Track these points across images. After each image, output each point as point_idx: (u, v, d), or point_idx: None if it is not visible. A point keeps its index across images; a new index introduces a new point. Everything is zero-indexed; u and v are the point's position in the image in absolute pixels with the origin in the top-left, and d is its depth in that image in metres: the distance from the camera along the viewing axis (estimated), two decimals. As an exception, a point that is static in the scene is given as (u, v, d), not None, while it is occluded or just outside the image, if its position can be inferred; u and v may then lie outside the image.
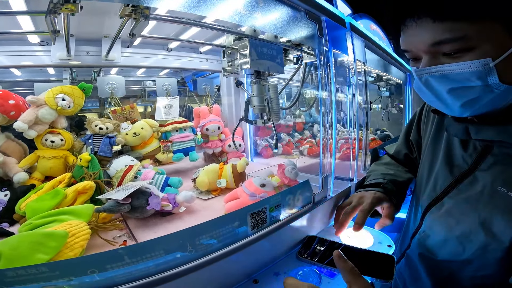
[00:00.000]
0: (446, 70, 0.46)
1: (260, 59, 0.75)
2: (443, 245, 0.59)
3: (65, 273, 0.40)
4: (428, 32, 0.45)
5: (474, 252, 0.53)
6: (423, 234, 0.65)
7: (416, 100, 2.14)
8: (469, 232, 0.54)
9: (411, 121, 0.83)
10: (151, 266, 0.45)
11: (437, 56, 0.47)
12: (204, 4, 0.51)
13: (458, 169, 0.59)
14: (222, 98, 1.42)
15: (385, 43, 1.83)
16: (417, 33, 0.47)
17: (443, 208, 0.60)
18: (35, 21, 0.81)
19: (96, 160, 0.85)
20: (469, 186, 0.56)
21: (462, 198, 0.57)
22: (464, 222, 0.55)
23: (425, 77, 0.50)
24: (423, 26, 0.46)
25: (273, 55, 0.78)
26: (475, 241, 0.53)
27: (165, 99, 1.19)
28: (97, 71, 1.24)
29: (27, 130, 0.85)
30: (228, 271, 0.57)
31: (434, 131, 0.70)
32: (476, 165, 0.56)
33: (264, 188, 0.80)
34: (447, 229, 0.58)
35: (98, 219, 0.68)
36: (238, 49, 0.78)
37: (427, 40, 0.46)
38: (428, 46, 0.47)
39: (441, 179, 0.62)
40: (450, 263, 0.58)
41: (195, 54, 1.28)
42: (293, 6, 0.69)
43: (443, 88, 0.48)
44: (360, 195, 0.76)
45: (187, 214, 0.80)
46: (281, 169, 0.89)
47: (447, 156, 0.63)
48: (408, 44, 0.51)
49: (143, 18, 0.53)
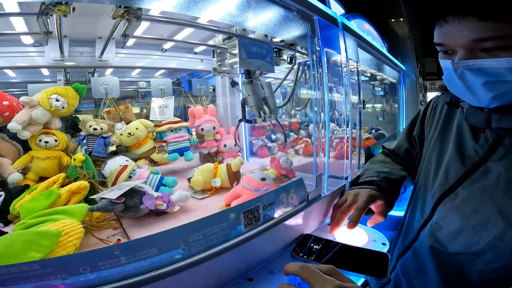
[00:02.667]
0: (484, 65, 0.49)
1: (250, 58, 0.74)
2: (457, 236, 0.61)
3: (57, 270, 0.40)
4: (471, 30, 0.49)
5: (490, 242, 0.55)
6: (435, 225, 0.66)
7: (410, 99, 2.16)
8: (487, 220, 0.56)
9: (415, 118, 0.86)
10: (144, 264, 0.46)
11: (474, 51, 0.51)
12: (195, 5, 0.52)
13: (470, 160, 0.62)
14: (217, 98, 1.43)
15: (379, 42, 1.85)
16: (459, 29, 0.50)
17: (458, 198, 0.62)
18: (28, 22, 0.81)
19: (90, 160, 0.85)
20: (482, 176, 0.59)
21: (477, 188, 0.59)
22: (481, 210, 0.57)
23: (461, 69, 0.52)
24: (467, 24, 0.49)
25: (263, 54, 0.78)
26: (492, 230, 0.55)
27: (160, 99, 1.20)
28: (92, 72, 1.24)
29: (21, 131, 0.85)
30: (223, 269, 0.57)
31: (442, 125, 0.73)
32: (488, 156, 0.59)
33: (265, 181, 0.80)
34: (462, 218, 0.60)
35: (92, 218, 0.68)
36: (228, 48, 0.77)
37: (469, 37, 0.49)
38: (470, 42, 0.50)
39: (452, 170, 0.65)
40: (460, 256, 0.60)
41: (190, 55, 1.29)
42: (285, 6, 0.70)
43: (479, 81, 0.51)
44: (355, 193, 0.77)
45: (182, 213, 0.80)
46: (276, 162, 0.91)
47: (458, 148, 0.65)
48: (446, 39, 0.54)
49: (136, 19, 0.53)
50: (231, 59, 0.78)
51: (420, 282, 0.68)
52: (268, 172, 0.88)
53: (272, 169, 0.91)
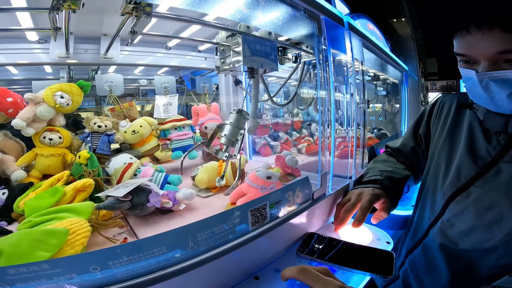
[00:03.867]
0: (509, 76, 0.50)
1: (254, 55, 0.72)
2: (469, 233, 0.62)
3: (67, 270, 0.40)
4: (496, 41, 0.49)
5: (502, 238, 0.57)
6: (446, 223, 0.67)
7: (412, 99, 2.16)
8: (501, 217, 0.58)
9: (421, 117, 0.87)
10: (153, 263, 0.45)
11: (499, 62, 0.51)
12: (206, 2, 0.52)
13: (482, 160, 0.63)
14: (220, 96, 1.42)
15: (382, 42, 1.85)
16: (483, 41, 0.51)
17: (471, 197, 0.63)
18: (34, 18, 0.80)
19: (95, 158, 0.84)
20: (495, 176, 0.60)
21: (491, 187, 0.61)
22: (496, 207, 0.59)
23: (486, 81, 0.53)
24: (491, 35, 0.50)
25: (267, 51, 0.76)
26: (505, 227, 0.56)
27: (164, 97, 1.19)
28: (95, 69, 1.23)
29: (25, 128, 0.84)
30: (229, 267, 0.57)
31: (450, 125, 0.74)
32: (500, 157, 0.60)
33: (271, 180, 0.80)
34: (476, 216, 0.61)
35: (98, 216, 0.67)
36: (231, 46, 0.75)
37: (494, 49, 0.50)
38: (494, 54, 0.51)
39: (465, 169, 0.66)
40: (471, 253, 0.61)
41: (194, 53, 1.28)
42: (292, 5, 0.70)
43: (504, 92, 0.52)
44: (359, 192, 0.77)
45: (187, 212, 0.80)
46: (281, 160, 0.91)
47: (470, 148, 0.66)
48: (468, 50, 0.55)
49: (145, 15, 0.53)
50: (235, 57, 0.75)
51: (429, 278, 0.69)
52: (274, 171, 0.88)
53: (277, 168, 0.91)
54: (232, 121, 0.81)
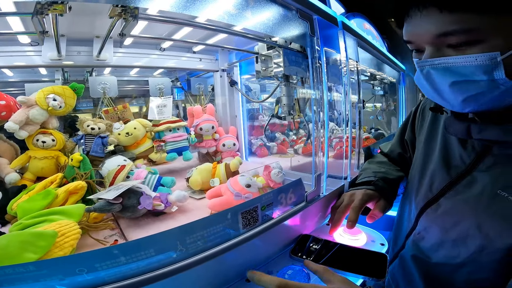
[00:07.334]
0: (450, 63, 0.44)
1: (291, 65, 0.92)
2: (439, 248, 0.58)
3: (53, 271, 0.40)
4: (433, 23, 0.43)
5: (469, 256, 0.52)
6: (418, 235, 0.63)
7: (409, 99, 2.16)
8: (466, 235, 0.52)
9: (406, 121, 0.82)
10: (141, 265, 0.45)
11: (441, 48, 0.45)
12: (193, 4, 0.51)
13: (455, 169, 0.57)
14: (216, 97, 1.42)
15: (379, 42, 1.84)
16: (422, 24, 0.45)
17: (440, 209, 0.58)
18: (25, 21, 0.80)
19: (87, 160, 0.84)
20: (468, 187, 0.54)
21: (460, 200, 0.55)
22: (462, 225, 0.53)
23: (427, 69, 0.47)
24: (429, 17, 0.43)
25: (299, 61, 0.95)
26: (470, 246, 0.52)
27: (158, 98, 1.19)
28: (90, 71, 1.23)
29: (18, 130, 0.84)
30: (220, 270, 0.57)
31: (428, 130, 0.68)
32: (475, 165, 0.54)
33: (249, 188, 0.79)
34: (443, 231, 0.57)
35: (89, 218, 0.67)
36: (272, 58, 0.97)
37: (432, 31, 0.44)
38: (433, 38, 0.44)
39: (437, 179, 0.60)
40: (444, 266, 0.57)
41: (188, 54, 1.28)
42: (284, 5, 0.69)
43: (445, 82, 0.46)
44: (351, 193, 0.76)
45: (180, 214, 0.79)
46: (267, 171, 0.89)
47: (444, 156, 0.61)
48: (411, 35, 0.49)
49: (132, 18, 0.53)
50: (276, 67, 0.98)
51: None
52: (258, 180, 0.86)
53: (262, 178, 0.89)
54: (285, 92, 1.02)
